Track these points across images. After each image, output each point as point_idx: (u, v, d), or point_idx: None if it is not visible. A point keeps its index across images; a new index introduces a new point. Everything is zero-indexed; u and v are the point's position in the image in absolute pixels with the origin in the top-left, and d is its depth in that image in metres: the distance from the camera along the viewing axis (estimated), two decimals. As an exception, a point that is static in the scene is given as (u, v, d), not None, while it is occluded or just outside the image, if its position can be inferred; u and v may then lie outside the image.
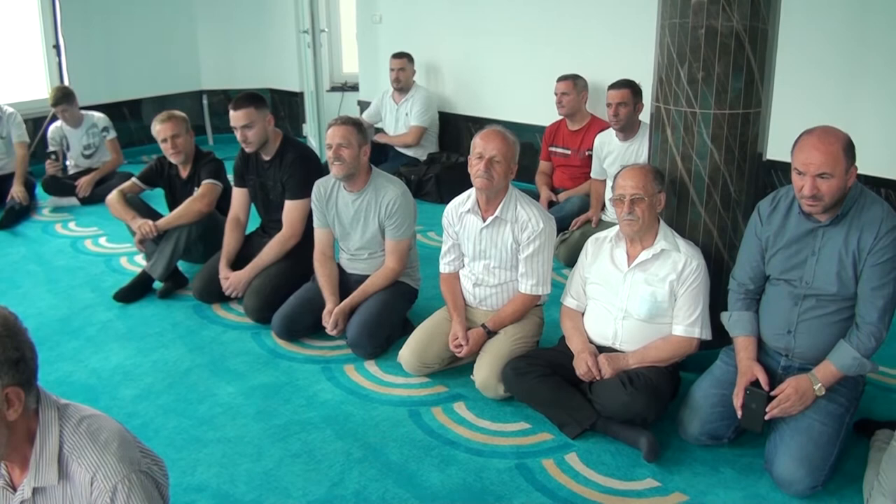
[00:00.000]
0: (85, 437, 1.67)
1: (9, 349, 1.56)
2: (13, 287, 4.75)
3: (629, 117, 4.64)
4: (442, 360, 3.52)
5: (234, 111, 4.06)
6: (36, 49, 7.43)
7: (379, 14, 7.08)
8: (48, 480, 1.64)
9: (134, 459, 1.69)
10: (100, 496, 1.63)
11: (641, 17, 4.42)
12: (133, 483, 1.65)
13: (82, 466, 1.64)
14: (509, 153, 3.29)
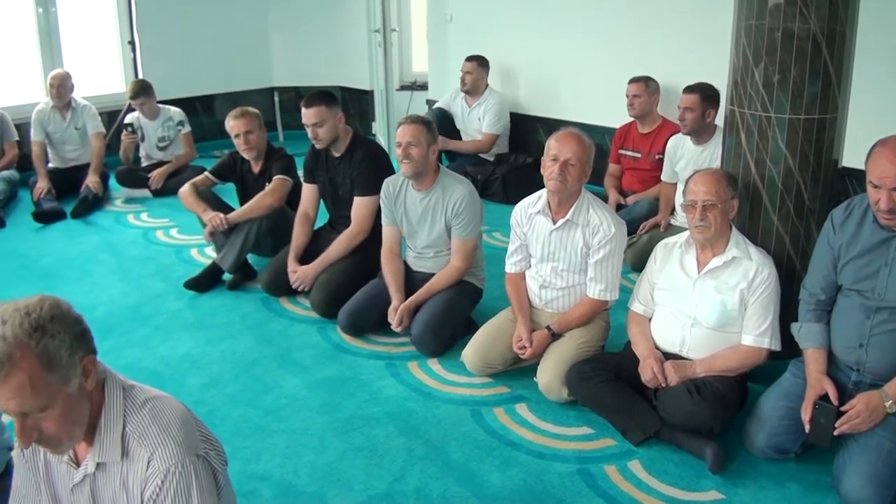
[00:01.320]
0: (148, 417, 1.70)
1: (73, 324, 1.60)
2: (85, 275, 4.90)
3: (696, 123, 4.56)
4: (505, 361, 3.51)
5: (306, 109, 4.12)
6: (112, 45, 7.67)
7: (450, 13, 7.09)
8: (111, 457, 1.68)
9: (192, 444, 1.72)
10: (153, 476, 1.66)
11: (717, 19, 4.34)
12: (186, 468, 1.68)
13: (142, 446, 1.67)
14: (584, 156, 3.26)
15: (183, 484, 1.67)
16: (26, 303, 1.55)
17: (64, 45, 7.23)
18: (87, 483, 1.72)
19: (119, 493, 1.70)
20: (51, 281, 4.80)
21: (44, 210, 5.92)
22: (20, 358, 1.49)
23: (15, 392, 1.50)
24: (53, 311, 1.56)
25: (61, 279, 4.83)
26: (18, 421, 1.55)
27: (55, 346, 1.54)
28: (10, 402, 1.51)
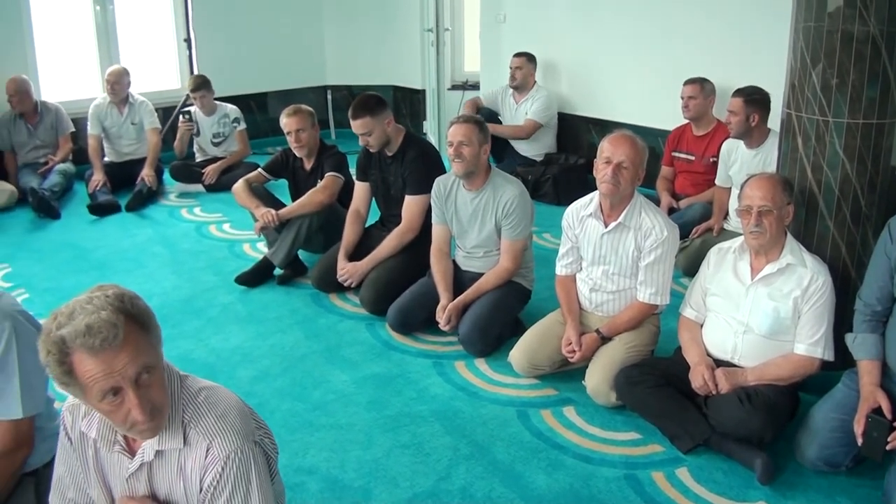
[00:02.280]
0: (204, 405, 1.75)
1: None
2: (139, 267, 5.00)
3: (740, 126, 4.48)
4: (553, 363, 3.50)
5: (353, 120, 4.16)
6: (168, 42, 7.81)
7: (503, 13, 7.08)
8: (173, 444, 1.72)
9: (249, 430, 1.76)
10: (212, 463, 1.70)
11: (775, 20, 4.27)
12: (245, 454, 1.72)
13: (200, 434, 1.71)
14: (637, 159, 3.24)
15: (242, 470, 1.71)
16: (90, 290, 1.62)
17: (120, 42, 7.40)
18: (144, 471, 1.76)
19: (175, 480, 1.74)
20: (105, 271, 4.91)
21: (99, 203, 6.06)
22: (123, 322, 1.56)
23: (131, 354, 1.57)
24: (117, 286, 1.64)
25: (115, 270, 4.93)
26: (135, 392, 1.59)
27: (143, 308, 1.63)
28: (128, 366, 1.57)
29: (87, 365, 1.55)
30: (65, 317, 1.56)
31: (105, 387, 1.57)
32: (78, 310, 1.55)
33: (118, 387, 1.58)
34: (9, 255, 5.23)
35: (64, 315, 1.56)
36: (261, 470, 1.76)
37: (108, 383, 1.57)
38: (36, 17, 6.89)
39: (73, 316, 1.55)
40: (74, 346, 1.54)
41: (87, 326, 1.53)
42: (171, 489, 1.76)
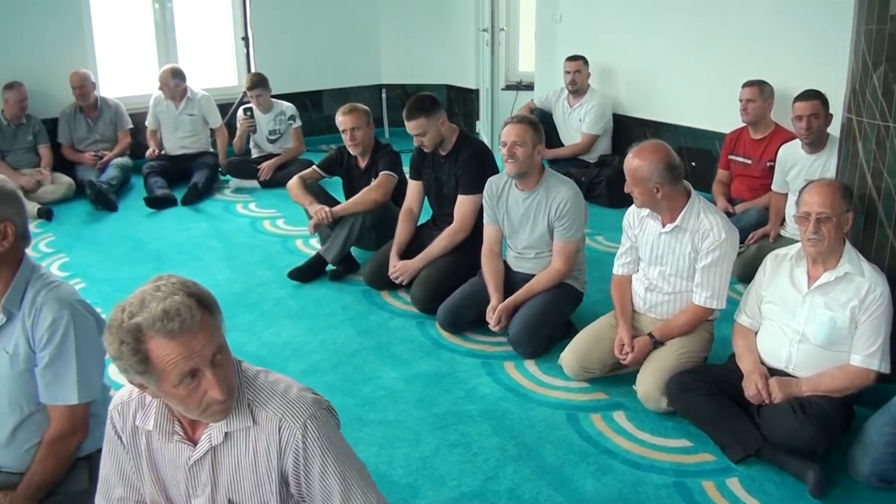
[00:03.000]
0: (264, 385, 1.77)
1: None
2: (194, 259, 5.10)
3: (821, 130, 4.41)
4: (604, 367, 3.47)
5: (408, 121, 4.19)
6: (226, 40, 7.95)
7: (559, 13, 7.06)
8: (243, 424, 1.74)
9: (315, 399, 1.79)
10: (290, 436, 1.72)
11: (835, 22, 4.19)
12: (321, 418, 1.75)
13: (268, 411, 1.73)
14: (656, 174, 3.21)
15: (323, 434, 1.74)
16: (150, 281, 1.64)
17: (179, 40, 7.56)
18: (209, 457, 1.78)
19: (243, 461, 1.76)
20: (160, 263, 5.01)
21: (155, 196, 6.20)
22: (195, 305, 1.59)
23: (207, 335, 1.60)
24: (179, 277, 1.66)
25: (171, 263, 5.03)
26: (212, 372, 1.62)
27: (206, 293, 1.65)
28: (205, 347, 1.60)
29: (165, 349, 1.57)
30: (136, 306, 1.58)
31: (184, 369, 1.59)
32: (148, 298, 1.58)
33: (196, 368, 1.61)
34: (66, 246, 5.38)
35: (134, 304, 1.58)
36: (337, 433, 1.80)
37: (188, 365, 1.59)
38: (96, 14, 7.09)
39: (145, 304, 1.57)
40: (151, 333, 1.56)
41: (164, 311, 1.55)
42: (238, 472, 1.77)
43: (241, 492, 1.78)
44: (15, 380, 2.25)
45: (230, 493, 1.79)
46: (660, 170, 3.17)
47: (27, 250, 2.35)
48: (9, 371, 2.25)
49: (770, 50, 5.49)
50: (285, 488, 1.78)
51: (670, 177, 3.19)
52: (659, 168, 3.17)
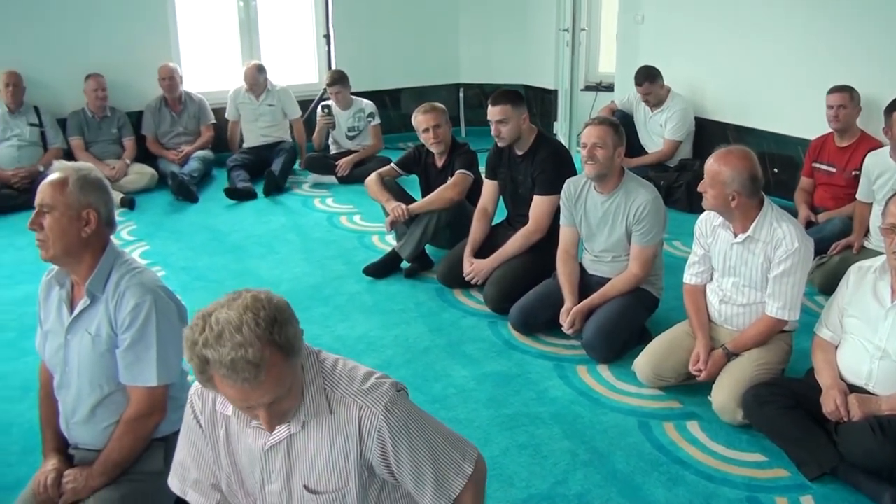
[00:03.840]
0: (342, 374, 1.79)
1: (290, 308, 1.68)
2: (272, 252, 5.18)
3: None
4: (678, 375, 3.40)
5: (492, 106, 4.17)
6: (308, 38, 8.08)
7: (642, 14, 6.95)
8: (320, 412, 1.76)
9: (392, 383, 1.81)
10: (372, 423, 1.74)
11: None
12: (398, 400, 1.78)
13: (347, 399, 1.76)
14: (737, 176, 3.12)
15: (403, 414, 1.77)
16: (242, 303, 1.60)
17: (262, 37, 7.72)
18: (284, 444, 1.81)
19: (319, 448, 1.79)
20: (239, 255, 5.11)
21: (236, 187, 6.34)
22: (269, 356, 1.57)
23: (269, 388, 1.60)
24: (272, 301, 1.63)
25: (249, 254, 5.13)
26: (266, 412, 1.64)
27: (292, 334, 1.63)
28: (264, 397, 1.61)
29: (226, 388, 1.61)
30: (213, 337, 1.56)
31: (240, 406, 1.67)
32: (227, 335, 1.55)
33: (252, 408, 1.65)
34: (148, 234, 5.54)
35: (213, 334, 1.56)
36: (415, 405, 1.84)
37: (243, 405, 1.65)
38: (181, 11, 7.30)
39: (221, 342, 1.55)
40: (217, 370, 1.57)
41: (232, 362, 1.54)
42: (314, 459, 1.80)
43: (316, 478, 1.81)
44: (96, 360, 2.34)
45: (306, 480, 1.81)
46: (741, 179, 3.08)
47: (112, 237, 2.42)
48: (90, 351, 2.33)
49: (856, 55, 5.30)
50: (367, 473, 1.81)
51: (750, 188, 3.10)
52: (741, 177, 3.08)
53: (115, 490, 2.33)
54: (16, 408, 3.40)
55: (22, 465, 2.99)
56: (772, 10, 5.88)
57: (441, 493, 1.83)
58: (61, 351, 2.38)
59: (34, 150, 6.39)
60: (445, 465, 1.83)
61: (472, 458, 1.88)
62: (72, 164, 2.38)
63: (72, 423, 2.43)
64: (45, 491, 2.31)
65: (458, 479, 1.84)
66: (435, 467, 1.81)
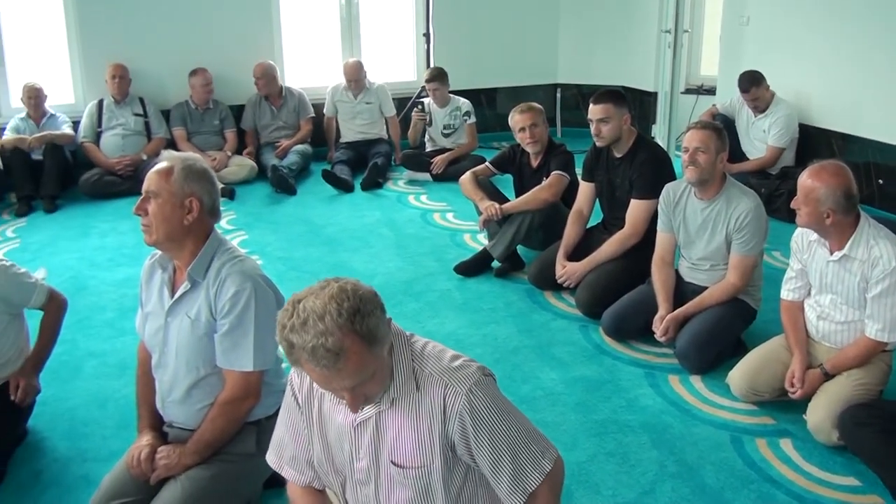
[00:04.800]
0: (432, 354, 1.84)
1: (375, 297, 1.72)
2: (366, 246, 5.26)
3: None
4: (773, 390, 3.29)
5: (594, 105, 4.13)
6: (408, 36, 8.16)
7: (747, 16, 6.76)
8: (407, 390, 1.81)
9: (480, 367, 1.84)
10: (455, 402, 1.78)
11: None
12: (484, 384, 1.81)
13: (433, 379, 1.80)
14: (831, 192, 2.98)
15: (488, 397, 1.80)
16: (329, 291, 1.66)
17: (363, 35, 7.83)
18: (372, 421, 1.86)
19: (405, 425, 1.83)
20: (334, 247, 5.20)
21: (334, 173, 6.48)
22: (350, 345, 1.62)
23: (350, 374, 1.65)
24: (357, 292, 1.67)
25: (344, 248, 5.22)
26: (350, 395, 1.70)
27: (374, 324, 1.67)
28: (344, 382, 1.67)
29: (310, 371, 1.68)
30: (299, 324, 1.62)
31: (325, 388, 1.76)
32: (311, 323, 1.61)
33: (335, 390, 1.73)
34: (246, 224, 5.70)
35: (299, 321, 1.63)
36: (501, 393, 1.86)
37: (327, 388, 1.74)
38: (284, 8, 7.48)
39: (305, 328, 1.62)
40: (300, 355, 1.64)
41: (313, 349, 1.61)
42: (401, 434, 1.84)
43: (402, 454, 1.85)
44: (194, 343, 2.42)
45: (393, 456, 1.86)
46: (836, 196, 2.95)
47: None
48: (189, 334, 2.41)
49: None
50: (451, 452, 1.84)
51: (845, 206, 2.97)
52: (836, 195, 2.95)
53: (206, 469, 2.41)
54: (112, 384, 3.56)
55: (116, 439, 3.13)
56: (882, 14, 5.64)
57: (517, 485, 1.83)
58: (161, 332, 2.47)
59: (138, 139, 6.67)
60: (524, 458, 1.83)
61: (552, 458, 1.88)
62: (179, 154, 2.47)
63: (167, 401, 2.53)
64: (138, 465, 2.40)
65: (535, 474, 1.84)
66: (514, 458, 1.82)
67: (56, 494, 2.82)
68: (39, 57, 6.97)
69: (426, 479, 1.85)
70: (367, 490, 1.93)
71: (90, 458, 3.02)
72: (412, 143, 7.03)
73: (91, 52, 6.80)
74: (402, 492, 1.89)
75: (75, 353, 3.82)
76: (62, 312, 3.16)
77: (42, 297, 3.05)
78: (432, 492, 1.87)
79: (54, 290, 3.14)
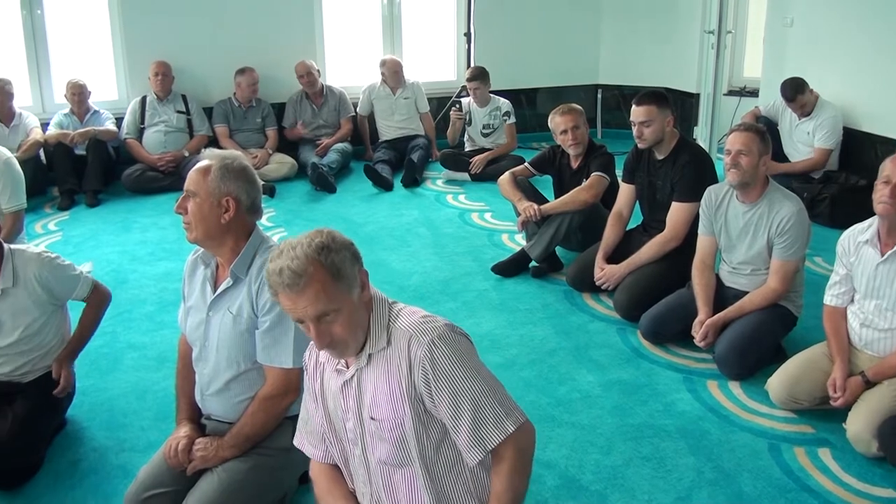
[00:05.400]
0: (405, 312, 1.98)
1: (349, 245, 1.93)
2: (404, 245, 5.27)
3: None
4: (813, 399, 3.23)
5: (636, 106, 4.10)
6: (449, 36, 8.17)
7: (791, 17, 6.66)
8: (379, 346, 1.94)
9: (448, 323, 1.96)
10: (418, 350, 1.88)
11: None
12: (448, 337, 1.91)
13: (400, 332, 1.93)
14: None
15: (450, 350, 1.90)
16: (308, 233, 1.89)
17: (404, 34, 7.87)
18: (355, 380, 1.99)
19: (380, 381, 1.95)
20: (372, 245, 5.22)
21: (375, 169, 6.53)
22: (313, 271, 1.82)
23: (311, 299, 1.83)
24: (332, 235, 1.90)
25: (382, 246, 5.24)
26: (314, 326, 1.86)
27: (339, 260, 1.86)
28: (307, 308, 1.83)
29: (281, 298, 1.87)
30: (276, 254, 1.86)
31: (293, 317, 1.90)
32: (286, 252, 1.84)
33: (301, 320, 1.88)
34: (286, 221, 5.76)
35: (276, 252, 1.87)
36: (470, 350, 1.96)
37: (294, 315, 1.88)
38: (326, 7, 7.55)
39: (281, 256, 1.84)
40: (272, 280, 1.85)
41: (280, 269, 1.82)
42: (376, 390, 1.96)
43: (379, 409, 1.96)
44: (235, 338, 2.45)
45: (372, 412, 1.97)
46: None
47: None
48: (231, 330, 2.45)
49: None
50: (421, 406, 1.93)
51: None
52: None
53: (243, 462, 2.44)
54: (151, 376, 3.62)
55: (154, 430, 3.18)
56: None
57: (476, 440, 1.90)
58: (202, 326, 2.51)
59: (180, 136, 6.76)
60: (486, 414, 1.89)
61: (518, 421, 1.92)
62: (219, 153, 2.50)
63: (206, 394, 2.57)
64: (175, 456, 2.45)
65: (496, 433, 1.89)
66: (474, 413, 1.88)
67: (94, 483, 2.88)
68: (84, 54, 7.08)
69: (401, 431, 1.95)
70: (357, 451, 2.05)
71: (128, 449, 3.07)
72: (451, 143, 7.03)
73: (134, 50, 6.91)
74: (381, 446, 1.99)
75: (115, 345, 3.89)
76: (105, 305, 3.22)
77: (86, 290, 3.11)
78: (407, 443, 1.96)
79: (99, 283, 3.20)
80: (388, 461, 1.99)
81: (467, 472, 2.01)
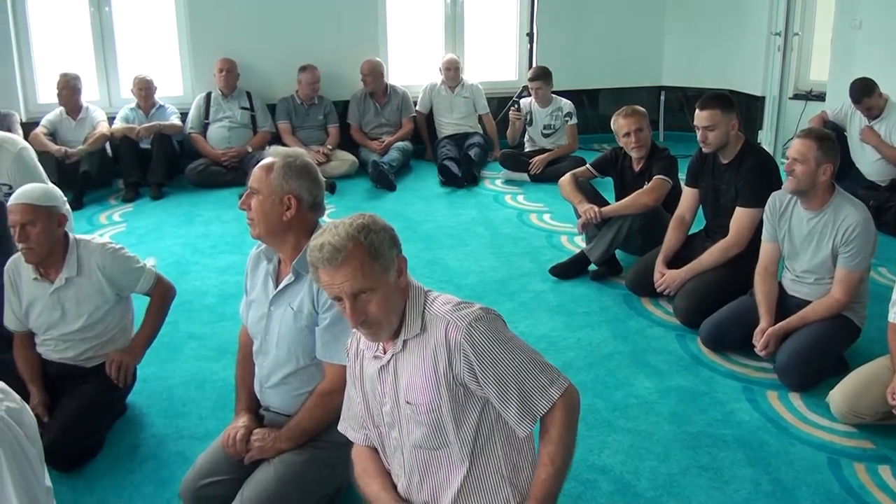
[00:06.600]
0: (440, 299, 2.04)
1: (389, 229, 2.00)
2: (461, 244, 5.29)
3: None
4: (875, 413, 3.15)
5: (700, 111, 4.05)
6: (511, 35, 8.17)
7: (859, 19, 6.50)
8: (414, 332, 2.00)
9: (482, 307, 2.01)
10: (457, 335, 1.94)
11: None
12: (485, 319, 1.97)
13: (437, 318, 1.99)
14: None
15: (489, 331, 1.95)
16: (352, 216, 1.98)
17: (466, 34, 7.89)
18: (391, 366, 2.05)
19: (416, 366, 2.01)
20: (430, 243, 5.25)
21: (448, 167, 6.60)
22: (352, 248, 1.90)
23: (349, 275, 1.90)
24: (374, 218, 1.98)
25: (440, 244, 5.26)
26: (350, 303, 1.92)
27: (378, 241, 1.93)
28: (344, 283, 1.91)
29: (320, 273, 1.94)
30: (319, 232, 1.96)
31: (330, 294, 1.99)
32: (329, 230, 1.93)
33: (338, 297, 1.95)
34: (346, 218, 5.80)
35: (320, 231, 1.97)
36: (507, 328, 2.02)
37: (331, 292, 1.96)
38: (390, 6, 7.61)
39: (324, 233, 1.93)
40: (312, 256, 1.93)
41: (320, 245, 1.91)
42: (412, 377, 2.02)
43: (415, 394, 2.01)
44: (296, 333, 2.50)
45: (408, 396, 2.03)
46: None
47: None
48: (292, 325, 2.50)
49: None
50: (462, 389, 1.99)
51: None
52: None
53: (299, 454, 2.49)
54: (211, 366, 3.70)
55: (212, 419, 3.26)
56: None
57: (525, 412, 1.96)
58: (264, 320, 2.56)
59: (244, 132, 6.88)
60: (531, 385, 1.96)
61: (562, 386, 1.99)
62: (283, 150, 2.54)
63: (265, 386, 2.62)
64: (233, 445, 2.51)
65: (543, 401, 1.96)
66: (520, 386, 1.95)
67: (152, 468, 2.97)
68: (150, 50, 7.26)
69: (437, 415, 2.00)
70: (394, 433, 2.11)
71: (186, 436, 3.16)
72: (511, 143, 7.04)
73: (200, 47, 7.06)
74: (417, 429, 2.04)
75: (176, 334, 3.98)
76: (169, 300, 3.30)
77: (149, 283, 3.19)
78: (444, 427, 2.01)
79: (163, 277, 3.28)
80: (423, 444, 2.05)
81: (500, 454, 2.06)
